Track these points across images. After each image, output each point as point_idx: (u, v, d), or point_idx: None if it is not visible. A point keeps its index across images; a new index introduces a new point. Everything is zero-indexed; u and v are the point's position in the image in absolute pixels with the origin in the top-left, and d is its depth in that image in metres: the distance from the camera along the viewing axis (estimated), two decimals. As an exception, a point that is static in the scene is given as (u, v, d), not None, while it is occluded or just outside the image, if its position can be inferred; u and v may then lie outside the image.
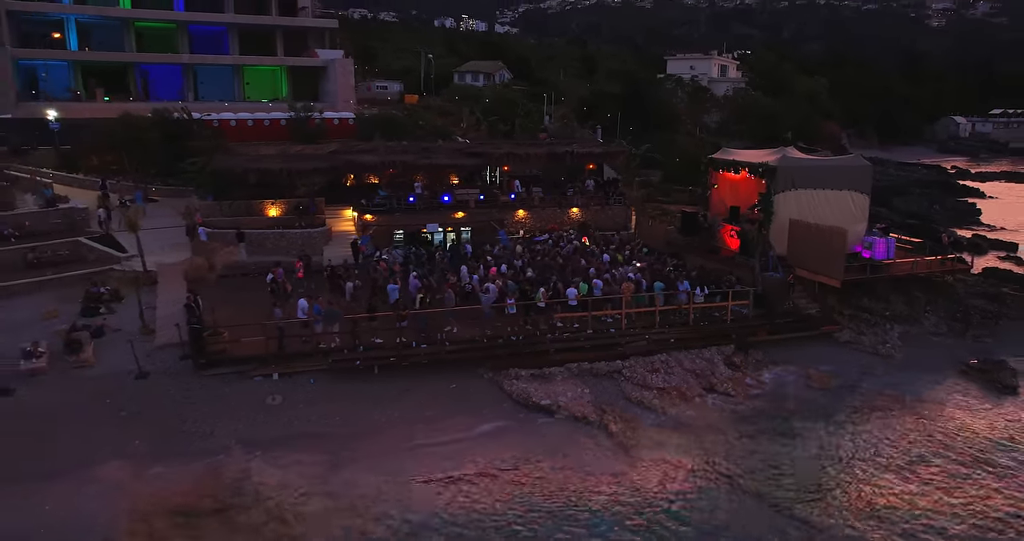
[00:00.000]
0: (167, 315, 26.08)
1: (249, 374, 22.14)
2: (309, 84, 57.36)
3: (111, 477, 17.43)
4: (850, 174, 29.65)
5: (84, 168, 39.77)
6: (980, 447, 19.79)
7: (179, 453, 18.55)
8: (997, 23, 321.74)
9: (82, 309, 26.54)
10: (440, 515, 16.49)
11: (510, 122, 47.36)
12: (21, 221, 32.01)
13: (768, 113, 77.41)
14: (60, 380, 21.79)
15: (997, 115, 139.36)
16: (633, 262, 28.33)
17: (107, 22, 51.82)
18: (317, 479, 17.67)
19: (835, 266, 26.66)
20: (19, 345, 22.98)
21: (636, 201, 36.52)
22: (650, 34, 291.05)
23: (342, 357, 22.55)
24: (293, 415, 20.55)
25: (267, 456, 18.48)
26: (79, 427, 19.42)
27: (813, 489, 17.72)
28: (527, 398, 21.61)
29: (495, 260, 28.83)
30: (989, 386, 23.41)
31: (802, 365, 24.40)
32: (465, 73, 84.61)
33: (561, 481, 17.88)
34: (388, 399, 21.53)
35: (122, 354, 23.25)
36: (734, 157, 32.47)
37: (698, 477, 18.24)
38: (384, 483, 17.50)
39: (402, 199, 33.75)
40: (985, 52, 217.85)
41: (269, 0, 57.91)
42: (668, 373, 23.16)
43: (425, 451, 19.14)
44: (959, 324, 27.30)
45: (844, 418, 21.44)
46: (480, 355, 23.28)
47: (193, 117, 41.69)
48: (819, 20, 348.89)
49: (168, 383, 21.81)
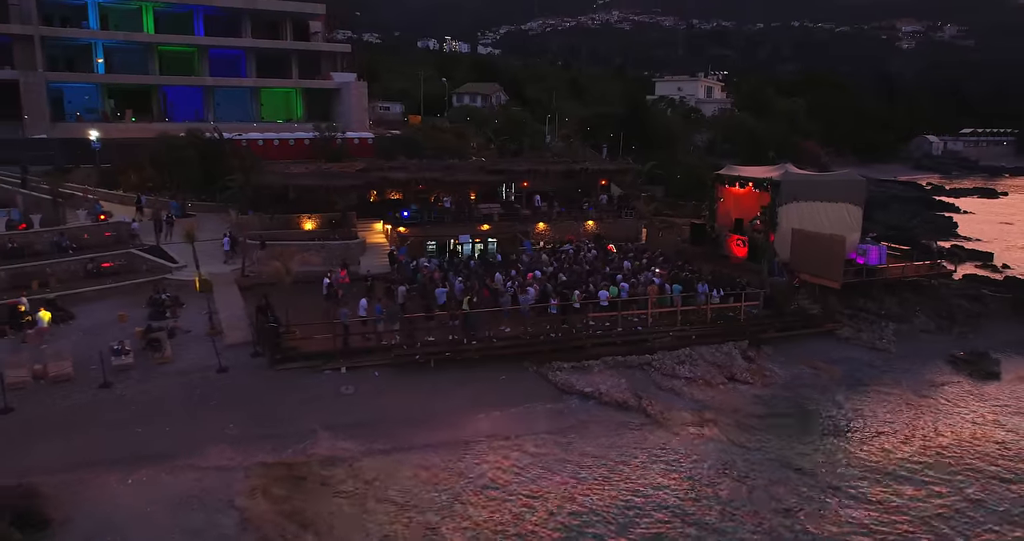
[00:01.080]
0: (229, 318, 28.50)
1: (319, 368, 24.54)
2: (323, 105, 59.97)
3: (220, 456, 19.73)
4: (846, 188, 32.89)
5: (123, 185, 41.91)
6: (965, 420, 22.73)
7: (272, 436, 20.87)
8: (964, 45, 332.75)
9: (149, 313, 28.75)
10: (505, 483, 19.00)
11: (519, 141, 50.27)
12: (79, 234, 34.18)
13: (753, 133, 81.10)
14: (147, 375, 24.00)
15: (967, 134, 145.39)
16: (653, 268, 31.14)
17: (132, 46, 54.16)
18: (394, 454, 20.13)
19: (835, 270, 29.69)
20: (107, 344, 25.28)
21: (646, 214, 39.44)
22: (630, 56, 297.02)
23: (402, 352, 25.03)
24: (364, 403, 22.96)
25: (349, 436, 20.91)
26: (177, 415, 21.66)
27: (823, 451, 20.59)
28: (571, 387, 24.24)
29: (527, 267, 31.51)
30: (974, 374, 26.45)
31: (810, 358, 27.29)
32: (463, 94, 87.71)
33: (612, 450, 20.51)
34: (446, 389, 24.00)
35: (195, 352, 25.67)
36: (739, 173, 35.60)
37: (725, 444, 21.01)
38: (449, 457, 20.01)
39: (432, 213, 36.38)
40: (954, 73, 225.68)
41: (283, 25, 60.67)
42: (693, 365, 25.91)
43: (485, 430, 21.71)
44: (945, 322, 30.40)
45: (850, 400, 24.33)
46: (524, 350, 25.88)
47: (224, 137, 44.05)
48: (793, 42, 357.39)
49: (246, 377, 24.15)
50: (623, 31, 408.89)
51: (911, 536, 16.83)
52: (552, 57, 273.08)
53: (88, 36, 52.31)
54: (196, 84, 55.62)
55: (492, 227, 36.80)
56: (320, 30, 63.20)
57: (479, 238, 36.23)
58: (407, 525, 17.11)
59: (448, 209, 36.96)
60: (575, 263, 32.43)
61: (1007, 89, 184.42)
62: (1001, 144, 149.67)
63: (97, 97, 53.66)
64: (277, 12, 59.58)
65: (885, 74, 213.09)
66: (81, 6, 52.99)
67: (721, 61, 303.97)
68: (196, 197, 42.11)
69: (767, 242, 30.78)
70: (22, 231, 33.40)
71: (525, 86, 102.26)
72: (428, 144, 47.08)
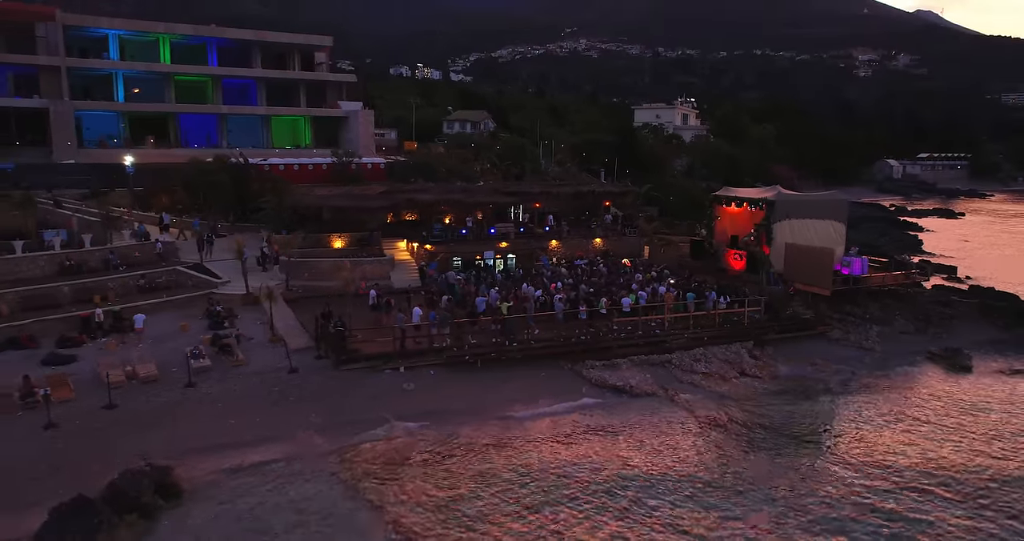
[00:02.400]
0: (284, 327, 31.28)
1: (379, 368, 27.43)
2: (330, 132, 63.07)
3: (311, 441, 22.52)
4: (831, 207, 36.94)
5: (156, 207, 44.38)
6: (944, 407, 26.45)
7: (351, 424, 23.69)
8: (917, 74, 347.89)
9: (210, 323, 31.39)
10: (565, 465, 22.09)
11: (520, 166, 53.83)
12: (130, 252, 36.65)
13: (729, 158, 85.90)
14: (224, 376, 26.64)
15: (924, 158, 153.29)
16: (667, 279, 34.67)
17: (150, 76, 56.82)
18: (460, 435, 23.12)
19: (825, 279, 33.52)
20: (176, 350, 27.93)
21: (648, 232, 43.11)
22: (599, 83, 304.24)
23: (453, 353, 28.05)
24: (425, 397, 25.86)
25: (419, 423, 23.85)
26: (262, 409, 24.35)
27: (821, 431, 24.12)
28: (604, 382, 27.46)
29: (549, 279, 34.80)
30: (950, 368, 30.30)
31: (807, 356, 30.91)
32: (454, 122, 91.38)
33: (646, 430, 23.75)
34: (494, 385, 27.03)
35: (262, 356, 28.40)
36: (734, 194, 39.50)
37: (741, 423, 24.39)
38: (506, 440, 23.05)
39: (457, 232, 39.58)
40: (909, 102, 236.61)
41: (291, 56, 63.84)
42: (707, 362, 29.33)
43: (535, 415, 24.84)
44: (922, 324, 34.32)
45: (844, 391, 27.91)
46: (559, 351, 29.07)
47: (249, 162, 46.87)
48: (756, 70, 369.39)
49: (315, 376, 26.93)
50: (591, 59, 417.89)
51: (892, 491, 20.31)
52: (523, 84, 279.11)
53: (110, 67, 54.89)
54: (211, 112, 58.37)
55: (510, 244, 40.06)
56: (324, 60, 66.48)
57: (499, 254, 39.42)
58: (487, 486, 20.08)
59: (470, 228, 40.10)
60: (592, 276, 35.81)
61: (958, 117, 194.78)
62: (955, 168, 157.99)
63: (116, 124, 56.06)
64: (285, 44, 62.81)
65: (845, 101, 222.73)
66: (102, 38, 55.63)
67: (687, 88, 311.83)
68: (225, 218, 44.76)
69: (764, 254, 34.52)
70: (78, 250, 35.77)
71: (508, 113, 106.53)
72: (440, 168, 50.35)
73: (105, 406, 23.68)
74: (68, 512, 16.93)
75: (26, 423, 22.50)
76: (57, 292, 32.50)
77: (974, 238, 71.72)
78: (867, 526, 18.43)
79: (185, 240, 40.53)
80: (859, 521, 18.67)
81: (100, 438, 21.91)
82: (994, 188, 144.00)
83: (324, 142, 62.28)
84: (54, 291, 32.51)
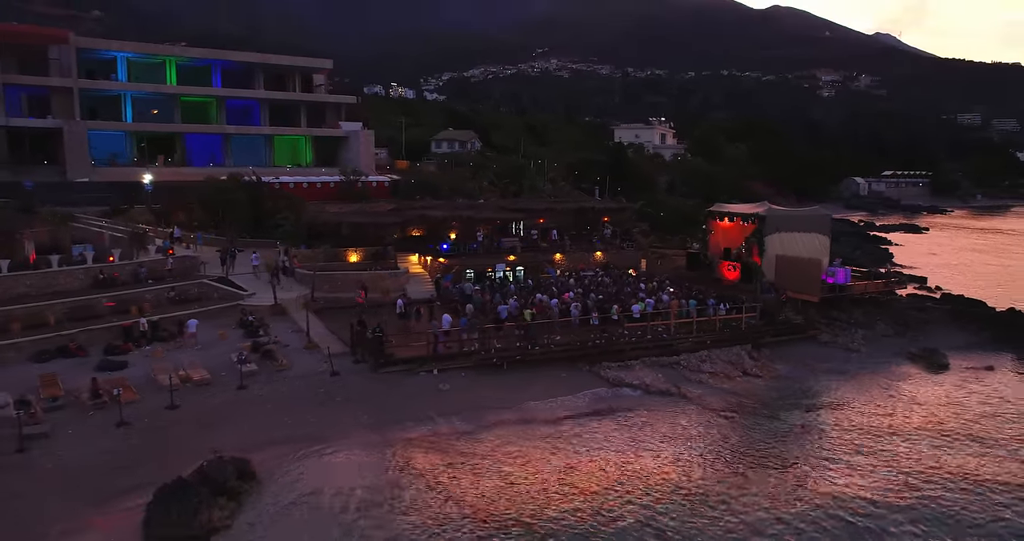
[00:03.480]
0: (316, 335, 33.37)
1: (415, 371, 29.64)
2: (329, 152, 65.22)
3: (364, 435, 24.62)
4: (817, 221, 40.15)
5: (172, 223, 46.11)
6: (924, 396, 29.50)
7: (399, 420, 25.85)
8: (878, 95, 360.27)
9: (245, 332, 33.36)
10: (588, 439, 24.54)
11: (518, 184, 56.53)
12: (160, 267, 38.42)
13: (708, 176, 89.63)
14: (270, 379, 28.63)
15: (889, 176, 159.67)
16: (668, 288, 37.45)
17: (158, 97, 58.59)
18: (498, 428, 25.44)
19: (814, 287, 36.58)
20: (219, 356, 29.94)
21: (645, 246, 45.96)
22: (570, 102, 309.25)
23: (481, 357, 30.39)
24: (460, 396, 28.11)
25: (460, 418, 26.10)
26: (313, 408, 26.39)
27: (817, 420, 26.93)
28: (621, 380, 29.99)
29: (560, 289, 37.34)
30: (928, 366, 33.41)
31: (800, 357, 33.81)
32: (442, 141, 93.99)
33: (664, 421, 26.31)
34: (520, 385, 29.37)
35: (302, 361, 30.49)
36: (727, 209, 42.59)
37: (744, 407, 27.10)
38: (541, 428, 25.45)
39: (468, 246, 42.04)
40: (872, 122, 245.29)
41: (292, 78, 66.05)
42: (712, 363, 32.06)
43: (562, 409, 27.26)
44: (901, 327, 37.50)
45: (834, 386, 30.80)
46: (577, 354, 31.55)
47: (262, 180, 48.88)
48: (723, 90, 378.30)
49: (356, 379, 29.05)
50: (562, 79, 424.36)
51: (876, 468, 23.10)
52: (495, 103, 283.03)
53: (119, 88, 56.60)
54: (217, 132, 60.24)
55: (517, 258, 42.60)
56: (323, 82, 68.78)
57: (508, 267, 41.91)
58: (524, 467, 22.44)
59: (481, 242, 42.58)
60: (599, 286, 38.46)
61: (917, 137, 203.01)
62: (917, 185, 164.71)
63: (124, 143, 57.65)
64: (286, 66, 65.02)
65: (811, 121, 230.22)
66: (110, 60, 57.36)
67: (656, 108, 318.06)
68: (239, 234, 46.60)
69: (757, 265, 37.52)
70: (110, 264, 37.47)
71: (491, 132, 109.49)
72: (444, 186, 52.80)
73: (168, 406, 25.55)
74: (170, 493, 18.90)
75: (99, 421, 24.33)
76: (96, 303, 34.22)
77: (940, 251, 76.01)
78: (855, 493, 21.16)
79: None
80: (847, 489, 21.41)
81: (169, 434, 23.82)
82: (954, 205, 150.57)
83: (324, 161, 64.41)
84: (94, 302, 34.23)
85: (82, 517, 18.97)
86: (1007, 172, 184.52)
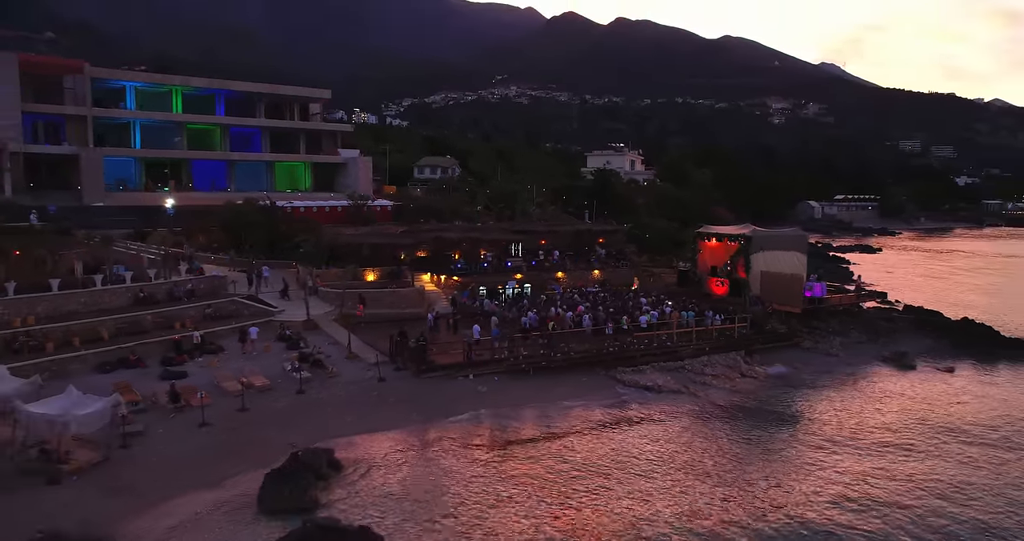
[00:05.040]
0: (354, 346, 36.31)
1: (454, 376, 32.84)
2: (327, 177, 68.15)
3: (422, 430, 27.74)
4: (795, 240, 44.78)
5: (194, 245, 48.51)
6: (897, 391, 33.89)
7: (447, 417, 29.03)
8: (826, 122, 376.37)
9: (287, 345, 36.14)
10: (613, 427, 28.10)
11: (512, 208, 60.25)
12: (196, 285, 40.89)
13: (677, 200, 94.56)
14: (324, 385, 31.53)
15: (840, 200, 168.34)
16: (667, 302, 41.43)
17: (165, 124, 60.99)
18: (539, 422, 28.82)
19: (796, 300, 40.96)
20: (276, 365, 32.78)
21: (638, 264, 50.00)
22: (530, 128, 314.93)
23: (511, 363, 33.76)
24: (497, 396, 31.42)
25: (503, 414, 29.42)
26: (370, 408, 29.42)
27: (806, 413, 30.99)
28: (636, 383, 33.65)
29: (570, 304, 41.00)
30: (899, 367, 37.90)
31: (788, 361, 37.98)
32: (424, 167, 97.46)
33: (679, 415, 30.04)
34: (548, 387, 32.80)
35: (347, 369, 33.40)
36: (714, 231, 46.99)
37: (746, 404, 31.00)
38: (571, 427, 28.91)
39: (479, 265, 45.49)
40: (821, 147, 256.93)
41: (290, 107, 69.04)
42: (713, 367, 35.98)
43: (590, 405, 30.79)
44: (872, 335, 42.10)
45: (822, 384, 34.98)
46: (594, 360, 35.15)
47: (276, 205, 51.67)
48: (679, 117, 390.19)
49: (401, 383, 32.14)
50: (522, 105, 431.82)
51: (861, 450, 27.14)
52: (457, 129, 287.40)
53: (129, 116, 58.94)
54: (221, 158, 62.81)
55: (524, 276, 46.18)
56: (319, 111, 71.87)
57: (517, 284, 45.43)
58: (562, 453, 25.85)
59: (490, 261, 46.09)
60: (604, 300, 42.26)
61: (865, 163, 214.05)
62: (867, 208, 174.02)
63: (132, 169, 59.78)
64: (286, 96, 68.01)
65: (766, 147, 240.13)
66: (119, 89, 59.67)
67: (614, 134, 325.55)
68: (255, 255, 49.18)
69: (745, 280, 41.83)
70: (149, 283, 39.83)
71: (467, 159, 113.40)
72: (446, 210, 56.19)
73: (239, 409, 28.28)
74: (280, 475, 21.78)
75: (182, 422, 26.99)
76: (143, 319, 36.64)
77: (895, 270, 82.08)
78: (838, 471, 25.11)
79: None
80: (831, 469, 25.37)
81: (247, 432, 26.60)
82: (901, 227, 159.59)
83: (321, 186, 67.28)
84: (140, 318, 36.64)
85: (199, 496, 21.74)
86: (947, 196, 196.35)
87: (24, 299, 34.89)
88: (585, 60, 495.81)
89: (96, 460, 23.30)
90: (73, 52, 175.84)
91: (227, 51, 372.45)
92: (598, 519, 21.18)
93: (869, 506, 22.28)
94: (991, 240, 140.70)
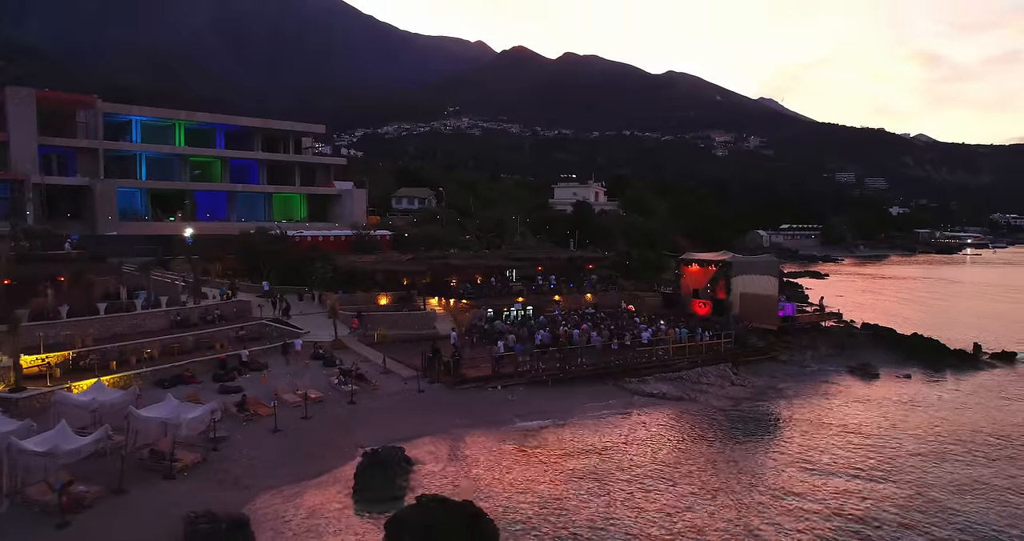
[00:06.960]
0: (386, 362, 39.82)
1: (484, 387, 36.67)
2: (322, 208, 71.45)
3: (467, 433, 31.47)
4: (768, 265, 50.26)
5: (212, 272, 51.30)
6: (864, 396, 39.11)
7: (487, 423, 32.82)
8: (766, 154, 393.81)
9: (323, 363, 39.42)
10: (620, 428, 32.39)
11: (500, 237, 64.65)
12: (227, 309, 43.82)
13: (642, 230, 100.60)
14: (369, 397, 34.99)
15: (786, 229, 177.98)
16: (660, 321, 46.16)
17: (169, 157, 63.64)
18: (566, 427, 32.88)
19: (773, 318, 46.19)
20: (320, 380, 36.11)
21: (626, 288, 54.81)
22: (481, 158, 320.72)
23: (532, 375, 37.79)
24: (525, 405, 35.33)
25: (534, 420, 33.36)
26: (417, 416, 32.95)
27: (787, 415, 35.84)
28: (642, 391, 38.05)
29: (574, 324, 45.34)
30: (864, 375, 43.29)
31: (769, 372, 43.01)
32: (402, 198, 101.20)
33: (682, 418, 34.51)
34: (566, 396, 36.90)
35: (385, 383, 36.90)
36: (695, 257, 52.21)
37: (741, 407, 35.69)
38: (586, 429, 33.11)
39: (486, 289, 49.53)
40: (763, 178, 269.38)
41: (284, 140, 72.37)
42: (707, 377, 40.68)
43: (606, 410, 34.98)
44: (838, 349, 47.59)
45: (800, 391, 39.99)
46: (603, 372, 39.47)
47: (287, 233, 54.91)
48: (626, 148, 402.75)
49: (438, 395, 35.81)
50: (474, 136, 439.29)
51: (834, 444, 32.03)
52: (410, 159, 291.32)
53: (136, 149, 61.50)
54: (223, 190, 65.62)
55: (526, 299, 50.41)
56: (311, 145, 75.32)
57: (522, 307, 49.59)
58: (589, 454, 29.96)
59: (495, 286, 50.19)
60: (603, 320, 46.76)
61: (806, 193, 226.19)
62: (810, 237, 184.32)
63: (137, 199, 62.13)
64: (283, 130, 71.36)
65: (711, 177, 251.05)
66: (125, 123, 62.22)
67: (564, 165, 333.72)
68: (271, 282, 52.20)
69: (727, 302, 46.98)
70: (184, 307, 42.65)
71: (442, 189, 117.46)
72: (442, 239, 60.25)
73: (303, 417, 31.57)
74: (370, 468, 25.29)
75: (255, 429, 30.14)
76: (184, 340, 39.51)
77: (846, 294, 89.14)
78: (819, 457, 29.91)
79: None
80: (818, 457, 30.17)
81: (316, 436, 29.92)
82: (842, 254, 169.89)
83: (315, 216, 70.53)
84: (182, 340, 39.50)
85: (299, 486, 25.07)
86: (883, 225, 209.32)
87: (76, 322, 37.55)
88: (535, 93, 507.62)
89: (198, 460, 26.36)
90: (23, 80, 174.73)
91: (178, 79, 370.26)
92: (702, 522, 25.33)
93: (860, 488, 27.04)
94: (924, 266, 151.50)
